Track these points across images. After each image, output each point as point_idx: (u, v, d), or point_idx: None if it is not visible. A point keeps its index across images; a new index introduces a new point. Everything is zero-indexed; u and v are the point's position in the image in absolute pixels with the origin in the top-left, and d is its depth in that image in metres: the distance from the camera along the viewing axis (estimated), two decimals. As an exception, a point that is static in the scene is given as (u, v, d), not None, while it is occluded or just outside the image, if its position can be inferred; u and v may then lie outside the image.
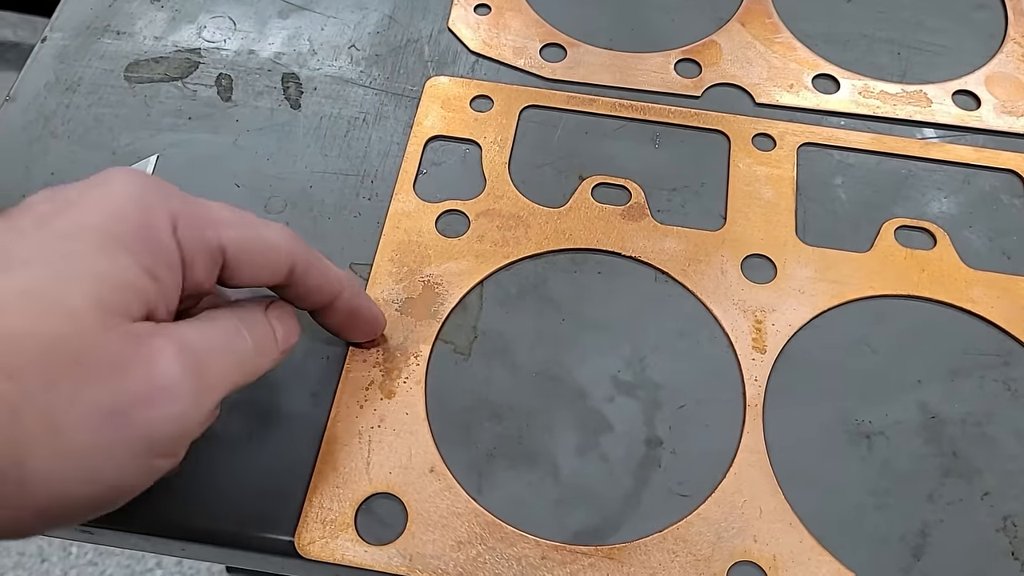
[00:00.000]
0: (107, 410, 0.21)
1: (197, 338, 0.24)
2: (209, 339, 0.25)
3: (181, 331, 0.24)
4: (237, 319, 0.26)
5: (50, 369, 0.21)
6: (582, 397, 0.32)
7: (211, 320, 0.26)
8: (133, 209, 0.23)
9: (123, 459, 0.22)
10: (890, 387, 0.33)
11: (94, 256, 0.22)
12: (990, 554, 0.30)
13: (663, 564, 0.29)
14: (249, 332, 0.26)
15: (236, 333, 0.26)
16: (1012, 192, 0.37)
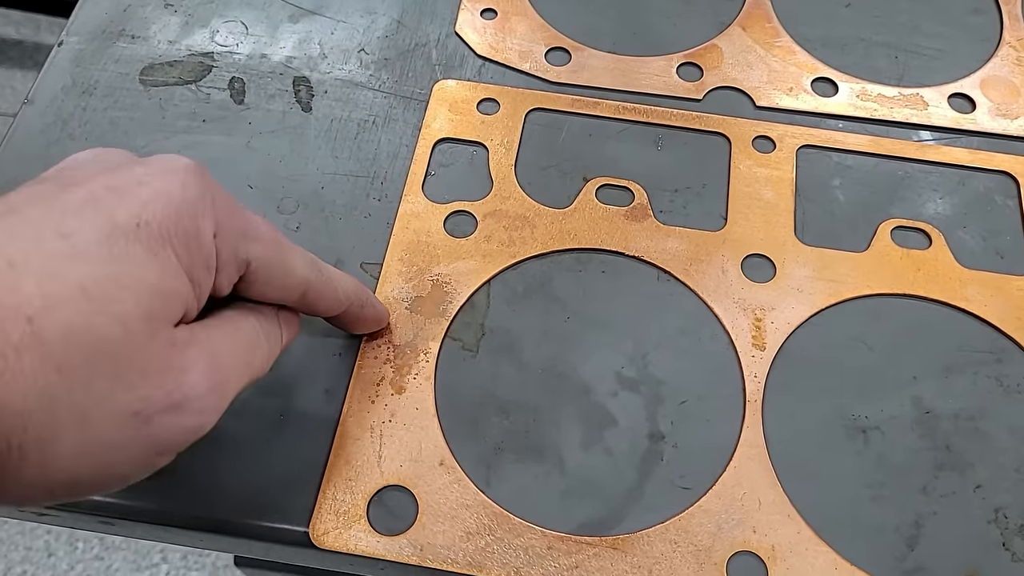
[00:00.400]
0: (135, 412, 0.23)
1: (225, 349, 0.25)
2: (234, 349, 0.26)
3: (212, 340, 0.25)
4: (258, 325, 0.27)
5: (93, 368, 0.22)
6: (587, 393, 0.33)
7: (235, 326, 0.27)
8: (187, 212, 0.24)
9: (136, 455, 0.24)
10: (886, 383, 0.34)
11: (148, 261, 0.23)
12: (982, 544, 0.31)
13: (665, 554, 0.30)
14: (267, 338, 0.28)
15: (256, 342, 0.27)
16: (1006, 193, 0.38)
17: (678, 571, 0.30)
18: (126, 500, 0.31)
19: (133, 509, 0.31)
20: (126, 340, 0.22)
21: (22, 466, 0.21)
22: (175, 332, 0.24)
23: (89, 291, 0.22)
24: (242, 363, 0.26)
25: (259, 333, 0.27)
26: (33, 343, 0.20)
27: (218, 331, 0.26)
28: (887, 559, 0.30)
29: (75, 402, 0.21)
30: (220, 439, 0.32)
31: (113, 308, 0.22)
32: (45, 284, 0.21)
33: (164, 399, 0.23)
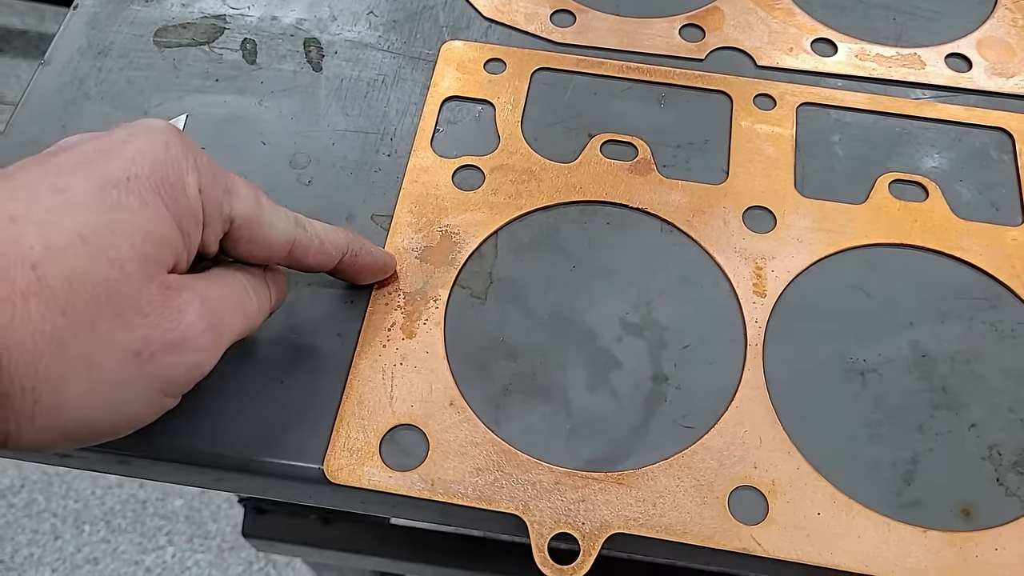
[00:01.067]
0: (137, 351, 0.24)
1: (216, 295, 0.27)
2: (225, 297, 0.27)
3: (203, 286, 0.26)
4: (245, 280, 0.29)
5: (97, 310, 0.23)
6: (592, 338, 0.34)
7: (224, 279, 0.28)
8: (172, 167, 0.25)
9: (142, 395, 0.25)
10: (883, 328, 0.35)
11: (141, 209, 0.24)
12: (976, 480, 0.32)
13: (668, 489, 0.31)
14: (255, 292, 0.29)
15: (245, 293, 0.28)
16: (1001, 148, 0.39)
17: (681, 504, 0.31)
18: (144, 438, 0.32)
19: (151, 447, 0.32)
20: (124, 282, 0.23)
21: (36, 409, 0.22)
22: (169, 277, 0.25)
23: (87, 238, 0.23)
24: (235, 308, 0.28)
25: (247, 287, 0.29)
26: (39, 289, 0.22)
27: (207, 280, 0.27)
28: (884, 493, 0.31)
29: (81, 343, 0.23)
30: (235, 381, 0.33)
31: (110, 252, 0.23)
32: (46, 233, 0.22)
33: (163, 337, 0.24)
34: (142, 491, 1.29)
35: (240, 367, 0.33)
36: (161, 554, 1.24)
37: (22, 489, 1.28)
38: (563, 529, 0.30)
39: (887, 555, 0.30)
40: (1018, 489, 0.31)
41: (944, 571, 0.30)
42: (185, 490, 1.29)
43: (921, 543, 0.30)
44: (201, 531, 1.26)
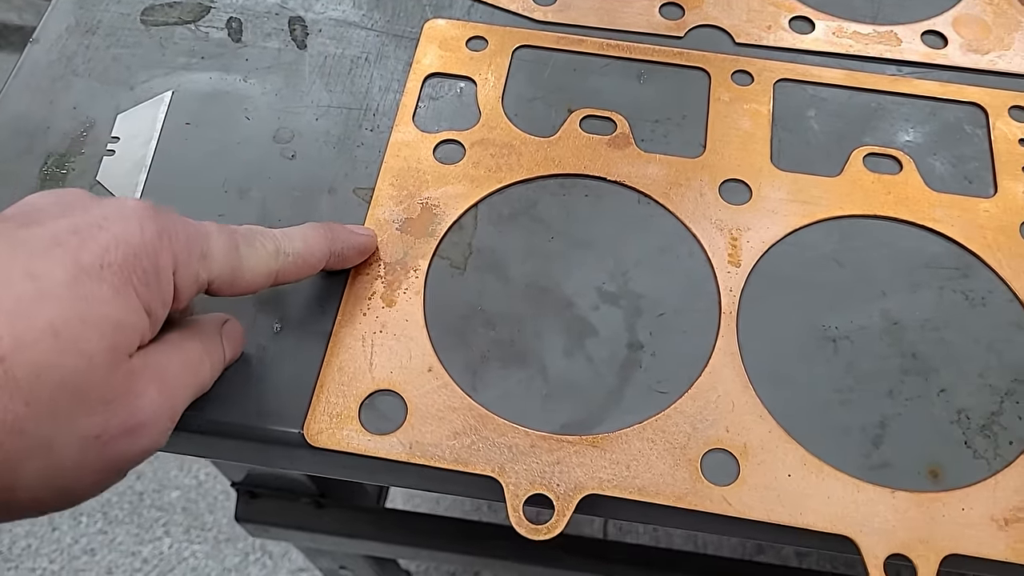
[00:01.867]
0: (94, 436, 0.24)
1: (173, 369, 0.27)
2: (181, 367, 0.28)
3: (160, 362, 0.27)
4: (201, 346, 0.29)
5: (59, 399, 0.23)
6: (569, 306, 0.35)
7: (180, 347, 0.28)
8: (146, 253, 0.25)
9: (96, 475, 0.25)
10: (856, 297, 0.35)
11: (112, 299, 0.24)
12: (944, 443, 0.32)
13: (642, 451, 0.32)
14: (210, 357, 0.30)
15: (199, 361, 0.29)
16: (975, 123, 0.40)
17: (654, 466, 0.31)
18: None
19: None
20: (90, 372, 0.24)
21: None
22: (132, 361, 0.25)
23: (58, 330, 0.23)
24: (189, 382, 0.28)
25: (202, 354, 0.29)
26: (4, 381, 0.22)
27: (166, 356, 0.27)
28: (854, 456, 0.32)
29: (42, 431, 0.23)
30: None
31: (80, 345, 0.23)
32: (16, 324, 0.22)
33: (121, 424, 0.25)
34: (139, 483, 1.29)
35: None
36: (158, 545, 1.25)
37: (20, 481, 1.29)
38: (538, 490, 0.31)
39: (855, 515, 0.31)
40: (986, 452, 0.32)
41: (911, 530, 0.30)
42: (182, 482, 1.30)
43: (889, 503, 0.31)
44: (198, 522, 1.27)
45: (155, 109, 0.40)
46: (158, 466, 1.31)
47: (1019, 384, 0.33)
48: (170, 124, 0.39)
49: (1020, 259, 0.36)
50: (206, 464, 1.31)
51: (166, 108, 0.40)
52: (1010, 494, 0.31)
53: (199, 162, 0.38)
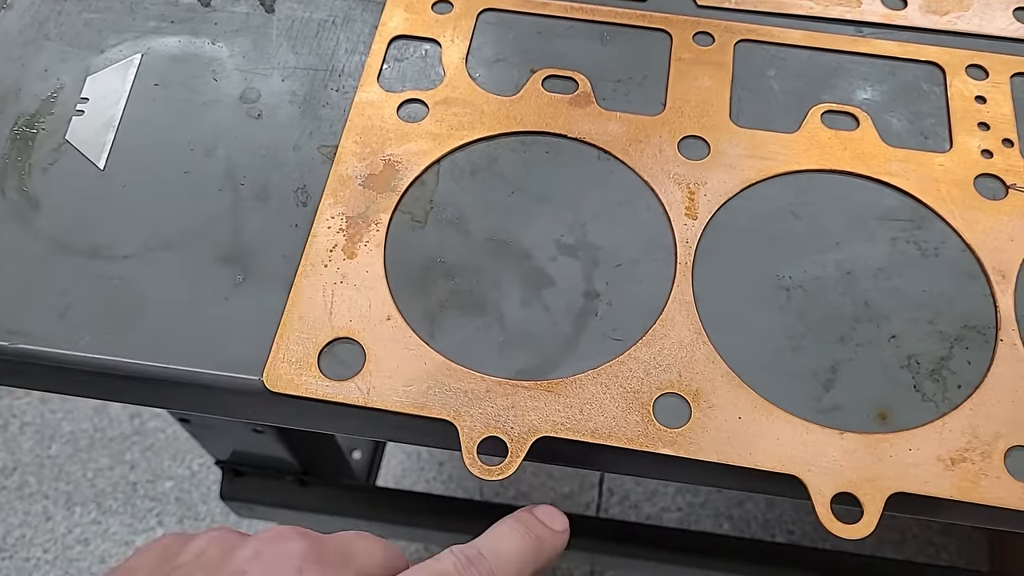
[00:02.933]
0: None
1: None
2: None
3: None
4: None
5: None
6: (527, 258, 0.36)
7: None
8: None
9: None
10: (810, 248, 0.36)
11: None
12: (894, 387, 0.33)
13: (596, 396, 0.32)
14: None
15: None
16: (932, 81, 0.40)
17: (607, 410, 0.32)
18: (93, 354, 0.33)
19: (100, 364, 0.34)
20: None
21: None
22: None
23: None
24: None
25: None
26: None
27: None
28: (804, 399, 0.32)
29: None
30: (181, 299, 0.34)
31: None
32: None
33: None
34: (132, 473, 1.30)
35: (186, 286, 0.35)
36: (151, 535, 1.25)
37: (14, 472, 1.30)
38: (492, 433, 0.32)
39: (804, 455, 0.31)
40: (934, 395, 0.32)
41: (859, 469, 0.31)
42: (175, 472, 1.30)
43: (838, 444, 0.31)
44: (191, 512, 1.27)
45: (124, 71, 0.40)
46: (151, 456, 1.32)
47: (969, 330, 0.34)
48: (139, 86, 0.40)
49: (973, 211, 0.36)
50: (200, 454, 1.31)
51: (135, 70, 0.40)
52: (957, 435, 0.31)
53: (166, 122, 0.39)
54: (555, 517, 0.30)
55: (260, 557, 0.25)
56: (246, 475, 0.74)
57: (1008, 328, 0.34)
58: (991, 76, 0.40)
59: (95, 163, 0.38)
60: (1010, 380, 0.33)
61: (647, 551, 0.80)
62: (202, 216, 0.36)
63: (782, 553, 0.84)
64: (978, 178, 0.37)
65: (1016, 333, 0.34)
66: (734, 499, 1.28)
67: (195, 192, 0.37)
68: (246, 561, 0.25)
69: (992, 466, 0.31)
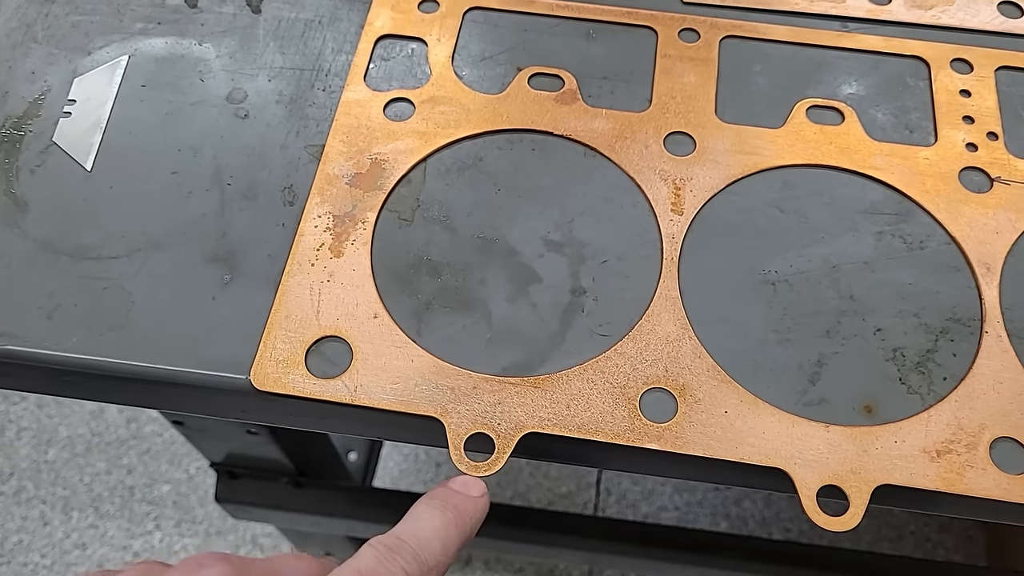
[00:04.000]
0: None
1: None
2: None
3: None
4: None
5: None
6: (514, 255, 0.36)
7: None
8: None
9: None
10: (795, 243, 0.36)
11: None
12: (880, 380, 0.33)
13: (582, 391, 0.32)
14: None
15: None
16: (917, 75, 0.40)
17: (594, 405, 0.32)
18: (81, 354, 0.33)
19: (87, 364, 0.34)
20: None
21: None
22: None
23: None
24: None
25: None
26: None
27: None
28: (790, 393, 0.33)
29: None
30: (169, 299, 0.34)
31: None
32: None
33: None
34: (129, 478, 1.30)
35: (174, 286, 0.35)
36: (149, 539, 1.26)
37: (11, 477, 1.30)
38: (479, 430, 0.32)
39: (790, 449, 0.31)
40: (920, 387, 0.33)
41: (844, 462, 0.31)
42: (172, 476, 1.30)
43: (823, 437, 0.31)
44: (188, 516, 1.27)
45: (111, 73, 0.40)
46: (148, 460, 1.32)
47: (954, 323, 0.34)
48: (126, 87, 0.40)
49: (957, 204, 0.36)
50: (197, 458, 1.31)
51: (122, 72, 0.40)
52: (942, 427, 0.32)
53: (153, 123, 0.39)
54: (471, 485, 0.30)
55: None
56: (241, 477, 0.74)
57: (993, 320, 0.34)
58: (976, 70, 0.40)
59: (82, 164, 0.38)
60: (995, 371, 0.33)
61: (645, 549, 0.80)
62: (189, 216, 0.36)
63: (779, 550, 0.84)
64: (963, 171, 0.37)
65: (1001, 325, 0.34)
66: (731, 498, 1.28)
67: (182, 192, 0.37)
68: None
69: (977, 457, 0.31)
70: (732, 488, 1.31)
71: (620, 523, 0.86)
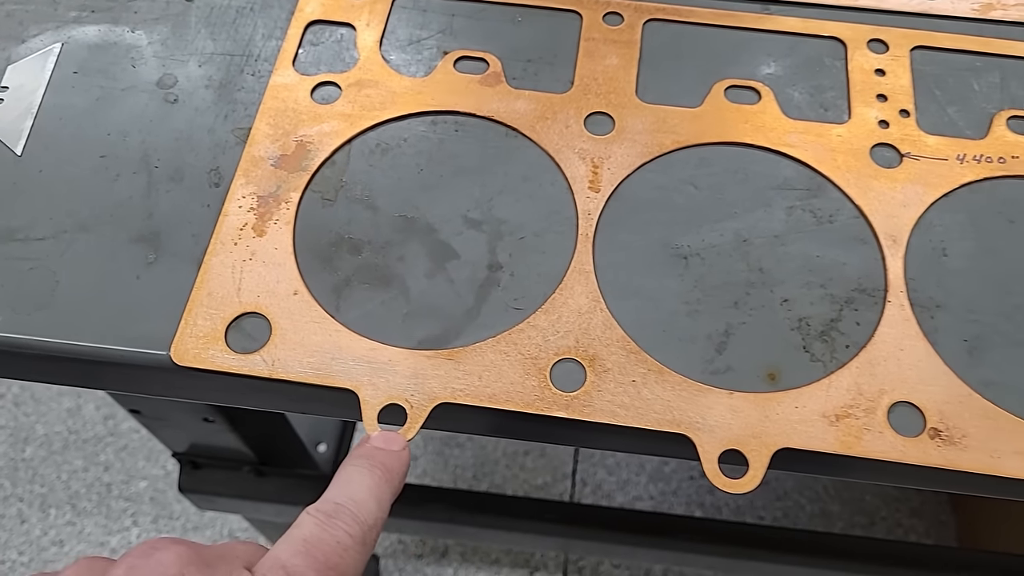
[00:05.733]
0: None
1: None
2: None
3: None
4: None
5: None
6: (433, 232, 0.36)
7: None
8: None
9: None
10: (709, 217, 0.37)
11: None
12: (784, 348, 0.34)
13: (495, 362, 0.33)
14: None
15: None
16: (834, 56, 0.41)
17: (505, 376, 0.33)
18: (7, 333, 0.34)
19: (16, 343, 0.34)
20: None
21: None
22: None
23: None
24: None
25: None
26: None
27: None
28: (697, 362, 0.33)
29: None
30: (95, 279, 0.35)
31: None
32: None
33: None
34: (107, 474, 1.30)
35: (99, 266, 0.35)
36: (126, 535, 1.26)
37: (-12, 475, 1.30)
38: (393, 401, 0.32)
39: (694, 415, 0.32)
40: (823, 355, 0.34)
41: (746, 426, 0.32)
42: (149, 472, 1.31)
43: (726, 403, 0.32)
44: (165, 512, 1.28)
45: (44, 60, 0.41)
46: (126, 457, 1.32)
47: (859, 293, 0.35)
48: (58, 74, 0.41)
49: (867, 179, 0.37)
50: (174, 454, 1.31)
51: (55, 59, 0.41)
52: (842, 393, 0.32)
53: (84, 108, 0.40)
54: (392, 440, 0.31)
55: (135, 570, 0.25)
56: (204, 467, 0.74)
57: (896, 290, 0.35)
58: (891, 49, 0.41)
59: (12, 149, 0.38)
60: (896, 339, 0.34)
61: (618, 535, 0.81)
62: (116, 199, 0.37)
63: (751, 533, 0.85)
64: (874, 147, 0.38)
65: (904, 295, 0.35)
66: (705, 487, 1.29)
67: (110, 175, 0.38)
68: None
69: (875, 421, 0.32)
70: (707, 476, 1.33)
71: (593, 509, 0.86)
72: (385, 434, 0.31)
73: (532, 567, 1.24)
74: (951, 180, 0.37)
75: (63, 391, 1.37)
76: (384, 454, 0.30)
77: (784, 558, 0.81)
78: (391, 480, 0.30)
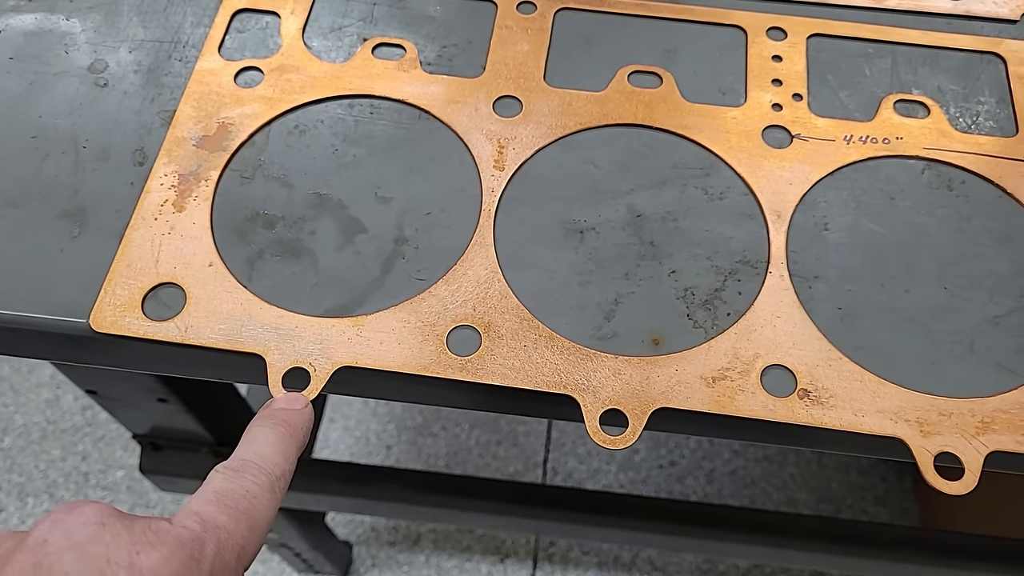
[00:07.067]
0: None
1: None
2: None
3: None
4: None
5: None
6: (344, 208, 0.38)
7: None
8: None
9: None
10: (606, 194, 0.39)
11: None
12: (669, 316, 0.36)
13: (395, 329, 0.35)
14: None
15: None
16: (736, 43, 0.43)
17: (404, 341, 0.35)
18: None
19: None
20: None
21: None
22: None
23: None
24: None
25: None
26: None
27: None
28: (586, 329, 0.35)
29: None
30: (20, 252, 0.37)
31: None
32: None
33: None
34: (84, 464, 1.32)
35: (25, 239, 0.37)
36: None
37: (-33, 465, 1.31)
38: (298, 365, 0.34)
39: (579, 378, 0.34)
40: (704, 322, 0.36)
41: (627, 388, 0.34)
42: (126, 462, 1.32)
43: (610, 366, 0.34)
44: (142, 501, 1.29)
45: (-19, 46, 0.43)
46: (103, 447, 1.34)
47: (743, 264, 0.37)
48: (-5, 60, 0.43)
49: (758, 159, 0.39)
50: (151, 444, 1.33)
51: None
52: (720, 356, 0.35)
53: (18, 92, 0.42)
54: (293, 399, 0.33)
55: (57, 524, 0.26)
56: (164, 449, 0.76)
57: (778, 262, 0.37)
58: (789, 37, 0.43)
59: (-53, 131, 0.40)
60: (773, 307, 0.36)
61: (588, 516, 0.83)
62: (44, 177, 0.39)
63: (716, 514, 0.87)
64: (766, 129, 0.40)
65: (784, 266, 0.37)
66: (674, 475, 1.32)
67: (39, 155, 0.40)
68: (45, 531, 0.26)
69: (749, 383, 0.34)
70: (676, 465, 1.35)
71: (565, 490, 0.88)
72: (288, 395, 0.33)
73: (503, 553, 1.26)
74: (837, 160, 0.39)
75: (42, 382, 1.39)
76: (287, 412, 0.32)
77: (752, 539, 0.83)
78: (295, 435, 0.32)
